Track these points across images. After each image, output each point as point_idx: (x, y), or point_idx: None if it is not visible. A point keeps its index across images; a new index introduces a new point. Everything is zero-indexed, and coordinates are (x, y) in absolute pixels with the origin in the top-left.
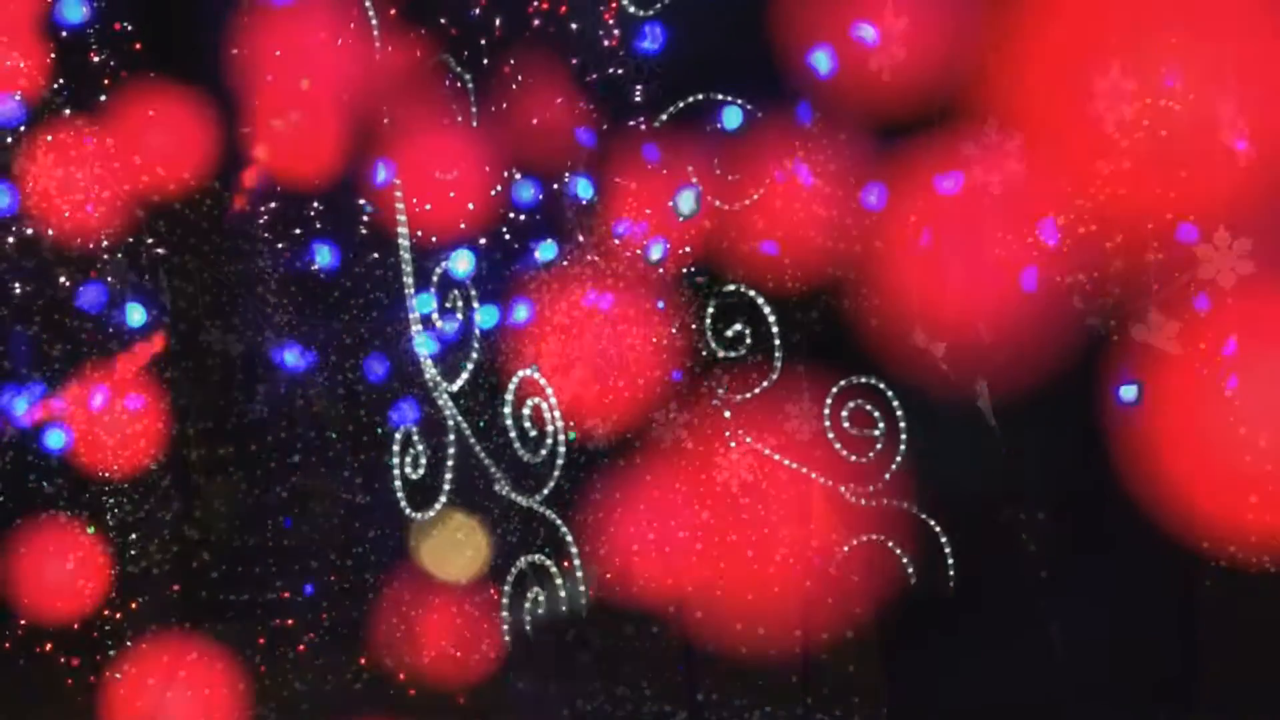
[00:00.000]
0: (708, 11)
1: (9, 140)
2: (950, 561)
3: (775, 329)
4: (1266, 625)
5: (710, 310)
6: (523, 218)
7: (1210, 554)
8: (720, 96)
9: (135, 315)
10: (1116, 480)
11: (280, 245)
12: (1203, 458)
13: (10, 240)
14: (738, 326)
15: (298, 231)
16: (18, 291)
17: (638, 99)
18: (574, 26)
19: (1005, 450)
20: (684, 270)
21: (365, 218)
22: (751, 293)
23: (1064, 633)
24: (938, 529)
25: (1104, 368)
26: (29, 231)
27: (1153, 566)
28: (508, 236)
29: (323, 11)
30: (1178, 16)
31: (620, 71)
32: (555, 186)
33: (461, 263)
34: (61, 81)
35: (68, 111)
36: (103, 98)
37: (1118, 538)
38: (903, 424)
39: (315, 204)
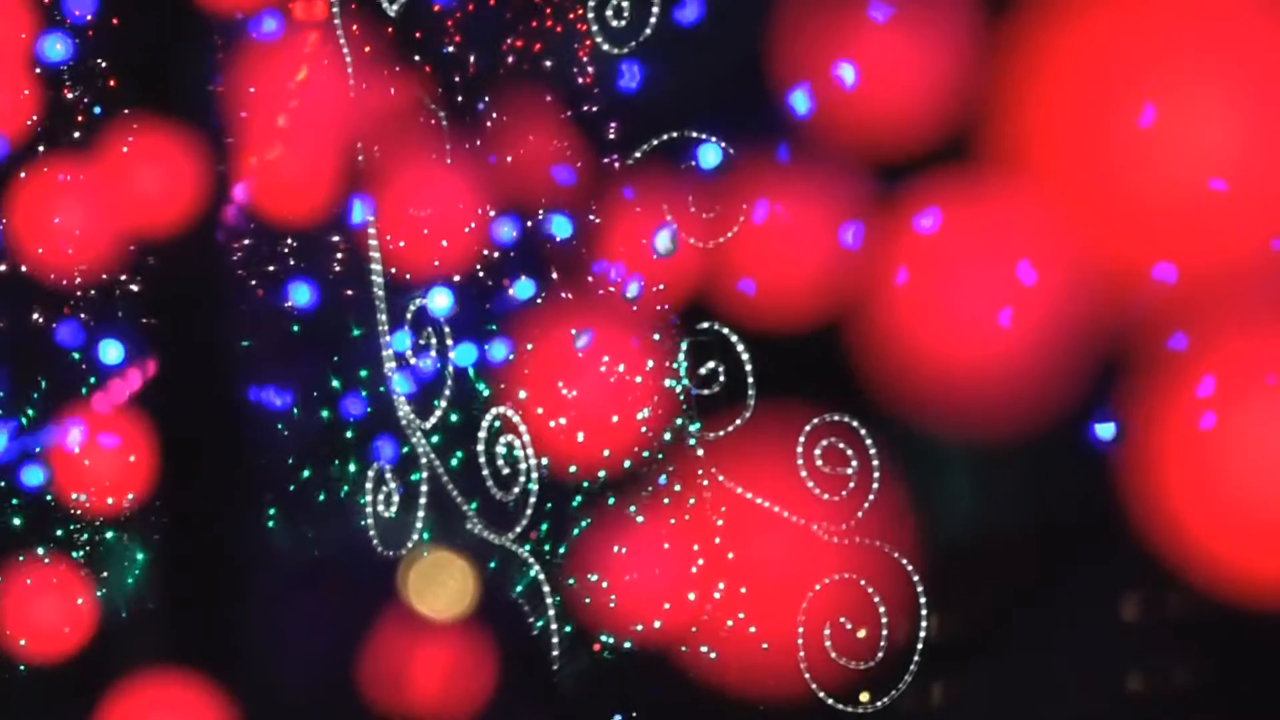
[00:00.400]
0: (685, 49)
1: None
2: (923, 600)
3: (749, 367)
4: (1253, 661)
5: (684, 348)
6: (499, 255)
7: (1193, 591)
8: (696, 134)
9: (111, 353)
10: (1100, 518)
11: (257, 283)
12: (1179, 496)
13: None
14: (711, 364)
15: (276, 269)
16: None
17: (613, 137)
18: (549, 64)
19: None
20: (659, 308)
21: (341, 255)
22: (725, 330)
23: (1051, 669)
24: (910, 569)
25: (1082, 407)
26: (3, 268)
27: (1138, 602)
28: (484, 274)
29: (299, 47)
30: (1155, 53)
31: (596, 109)
32: (532, 224)
33: (438, 300)
34: (40, 118)
35: (45, 148)
36: (80, 134)
37: (1103, 574)
38: (876, 462)
39: (293, 241)
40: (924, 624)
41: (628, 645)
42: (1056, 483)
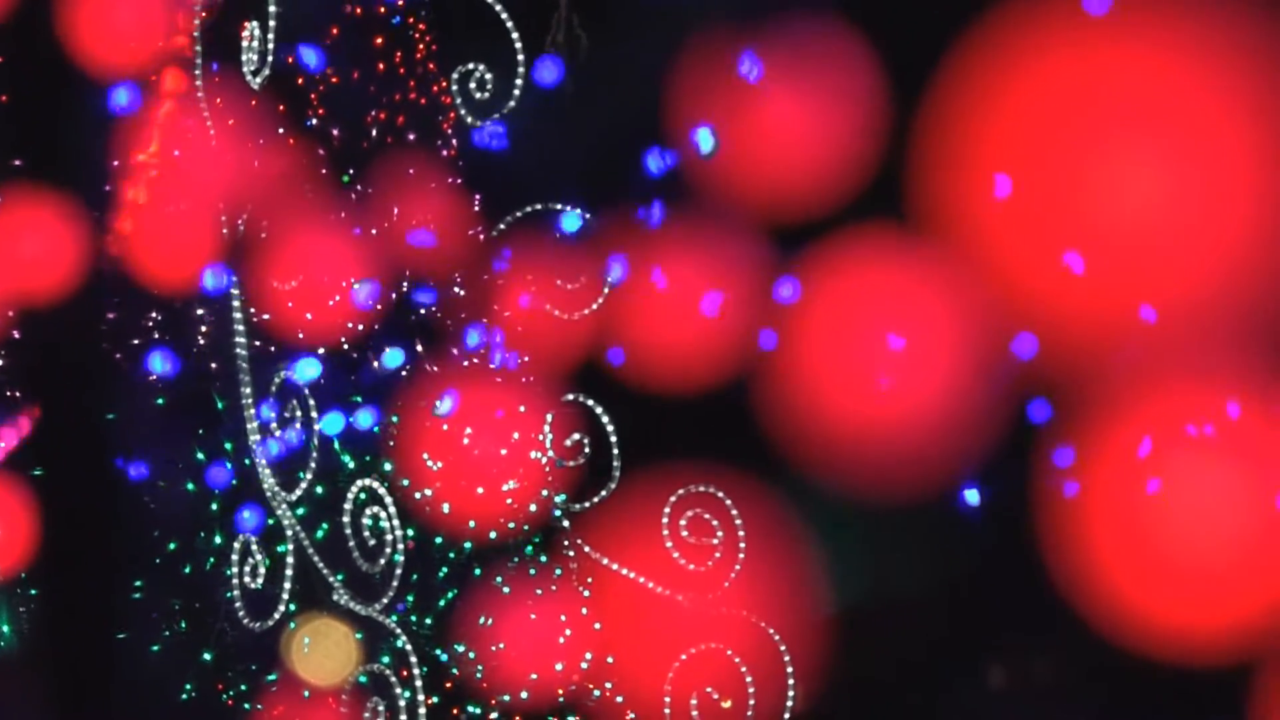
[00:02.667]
0: (547, 119)
1: None
2: (790, 670)
3: (614, 438)
4: None
5: (549, 419)
6: (366, 326)
7: (1128, 654)
8: (559, 205)
9: None
10: (971, 585)
11: (124, 354)
12: (1053, 562)
13: None
14: (576, 435)
15: (142, 340)
16: None
17: (477, 207)
18: (411, 136)
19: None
20: (524, 379)
21: (206, 326)
22: (590, 402)
23: None
24: (777, 638)
25: (951, 473)
26: None
27: (1008, 670)
28: (351, 344)
29: (158, 118)
30: (1015, 125)
31: (459, 180)
32: (397, 294)
33: (306, 370)
34: None
35: None
36: None
37: (976, 641)
38: (742, 532)
39: (159, 313)
40: (791, 693)
41: (495, 716)
42: (928, 549)
